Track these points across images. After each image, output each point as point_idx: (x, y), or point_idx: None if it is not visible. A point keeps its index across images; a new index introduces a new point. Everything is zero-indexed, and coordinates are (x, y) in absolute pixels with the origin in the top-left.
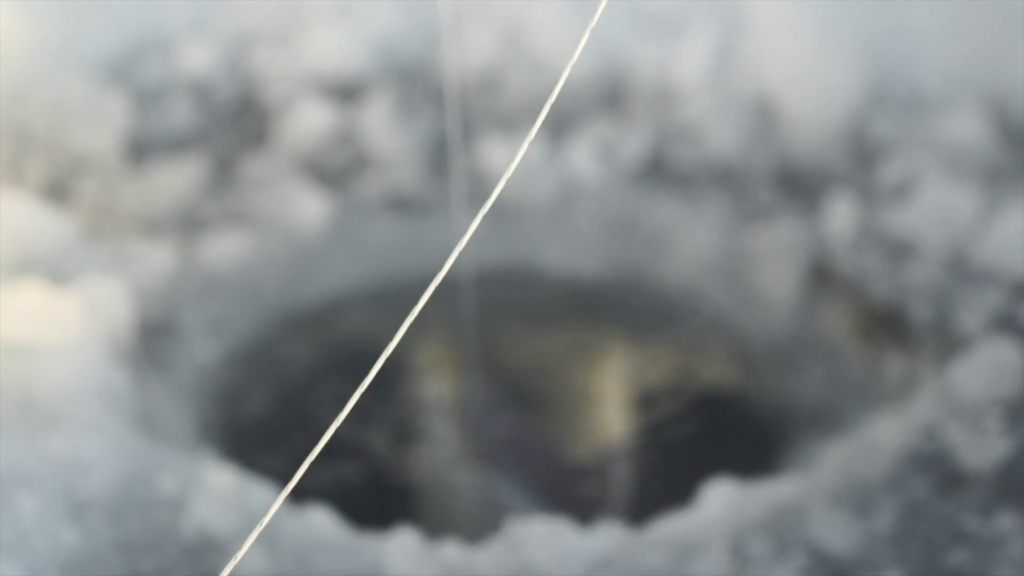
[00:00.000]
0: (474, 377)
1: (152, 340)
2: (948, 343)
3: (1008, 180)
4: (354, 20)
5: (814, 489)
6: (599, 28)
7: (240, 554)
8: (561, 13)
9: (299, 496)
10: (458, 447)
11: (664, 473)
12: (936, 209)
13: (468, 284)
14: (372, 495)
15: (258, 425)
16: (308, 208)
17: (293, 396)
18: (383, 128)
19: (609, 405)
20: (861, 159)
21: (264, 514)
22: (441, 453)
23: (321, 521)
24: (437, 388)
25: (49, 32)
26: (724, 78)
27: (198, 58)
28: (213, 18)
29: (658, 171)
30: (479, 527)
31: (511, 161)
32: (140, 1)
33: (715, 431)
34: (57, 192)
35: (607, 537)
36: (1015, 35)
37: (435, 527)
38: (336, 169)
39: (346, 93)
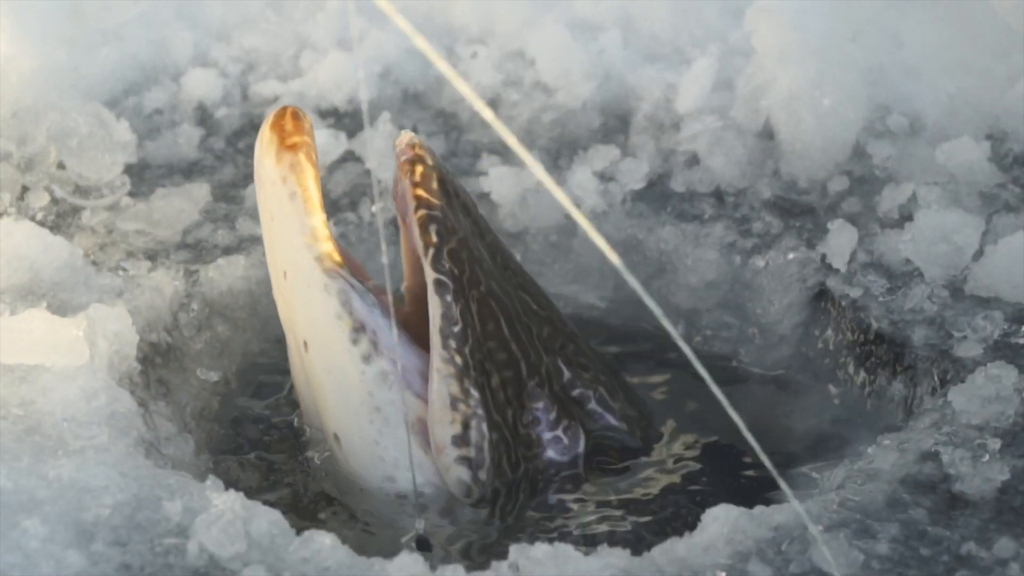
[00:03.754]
0: None
1: (157, 365)
2: (947, 367)
3: (1005, 207)
4: (357, 48)
5: (815, 513)
6: (603, 55)
7: None
8: (564, 40)
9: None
10: None
11: (666, 497)
12: (935, 235)
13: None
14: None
15: (262, 449)
16: None
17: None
18: (385, 153)
19: None
20: (860, 186)
21: (266, 540)
22: None
23: (327, 544)
24: None
25: (56, 61)
26: (726, 106)
27: (203, 87)
28: (218, 47)
29: (660, 196)
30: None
31: (512, 185)
32: (146, 31)
33: (716, 455)
34: (63, 219)
35: (610, 560)
36: (1012, 65)
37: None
38: (339, 193)
39: (349, 119)
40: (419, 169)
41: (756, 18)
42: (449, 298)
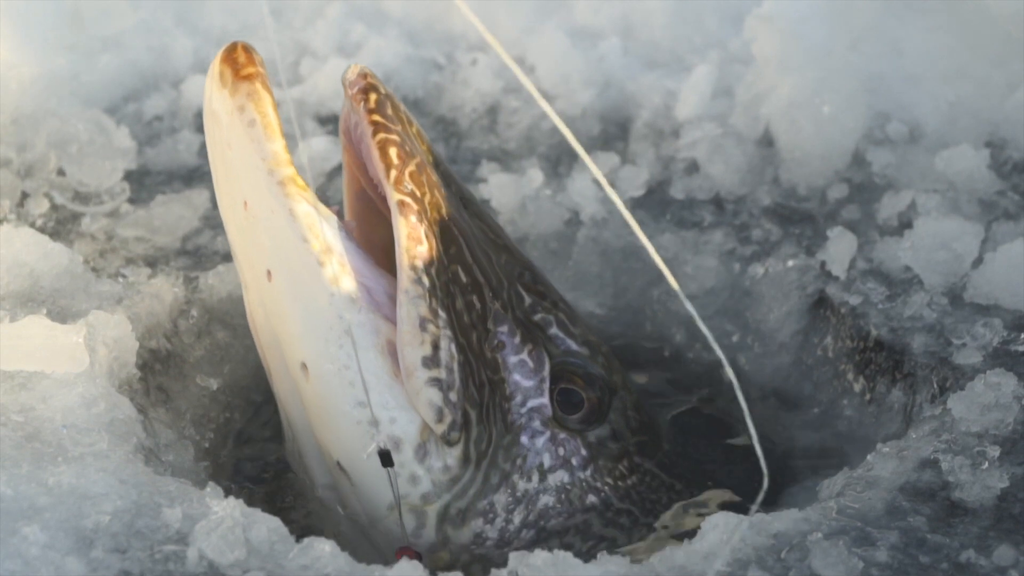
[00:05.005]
0: None
1: (157, 372)
2: (946, 375)
3: (1004, 214)
4: (356, 55)
5: (814, 521)
6: (603, 62)
7: None
8: (564, 47)
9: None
10: None
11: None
12: (934, 242)
13: None
14: None
15: (261, 456)
16: None
17: None
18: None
19: None
20: (860, 193)
21: (265, 547)
22: None
23: (327, 551)
24: None
25: (56, 68)
26: (726, 113)
27: (203, 93)
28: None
29: (660, 203)
30: None
31: (512, 192)
32: (146, 37)
33: (716, 462)
34: (63, 225)
35: (609, 568)
36: (1011, 73)
37: None
38: (339, 200)
39: None
40: (373, 96)
41: (756, 26)
42: (414, 219)
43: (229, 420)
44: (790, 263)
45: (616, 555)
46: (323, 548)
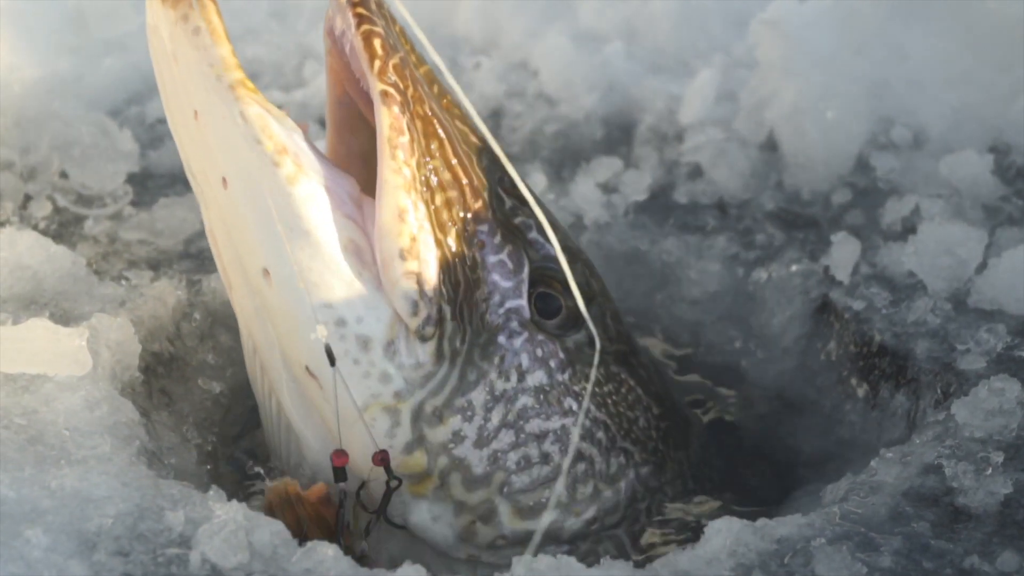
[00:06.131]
0: None
1: (159, 375)
2: (950, 380)
3: (1008, 219)
4: None
5: (818, 526)
6: (607, 66)
7: None
8: (567, 51)
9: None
10: None
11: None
12: (938, 248)
13: None
14: None
15: (262, 459)
16: None
17: None
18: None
19: None
20: (864, 198)
21: (268, 551)
22: None
23: (329, 555)
24: None
25: (59, 71)
26: (729, 117)
27: None
28: None
29: (663, 208)
30: None
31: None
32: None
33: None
34: (66, 228)
35: (613, 572)
36: (1015, 78)
37: None
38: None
39: None
40: None
41: (760, 30)
42: (396, 109)
43: (232, 423)
44: (794, 268)
45: (619, 560)
46: (326, 552)
